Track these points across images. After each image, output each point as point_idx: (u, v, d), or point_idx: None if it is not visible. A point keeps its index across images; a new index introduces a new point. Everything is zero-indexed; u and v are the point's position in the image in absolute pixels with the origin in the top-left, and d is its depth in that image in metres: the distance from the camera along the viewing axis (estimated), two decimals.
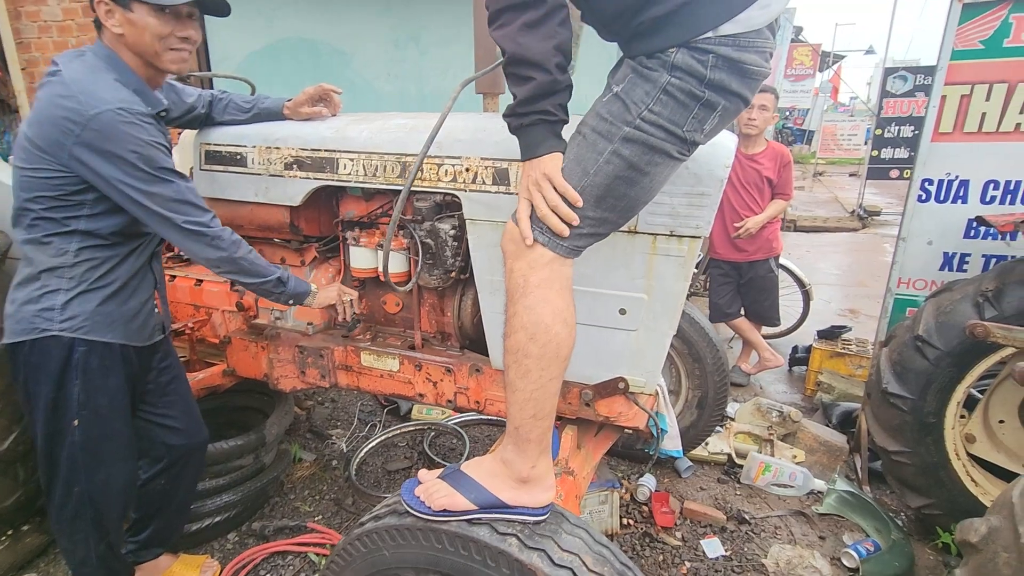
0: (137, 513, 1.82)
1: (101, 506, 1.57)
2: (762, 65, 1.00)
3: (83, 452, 1.51)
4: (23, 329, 1.43)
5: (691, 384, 2.54)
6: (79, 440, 1.50)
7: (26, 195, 1.39)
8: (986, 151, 2.22)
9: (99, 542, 1.61)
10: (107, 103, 1.31)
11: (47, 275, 1.43)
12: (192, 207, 1.43)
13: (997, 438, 2.14)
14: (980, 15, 2.09)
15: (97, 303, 1.46)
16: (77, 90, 1.31)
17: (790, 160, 3.23)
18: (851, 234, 8.31)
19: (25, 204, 1.40)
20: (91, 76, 1.35)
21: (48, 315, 1.42)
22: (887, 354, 2.19)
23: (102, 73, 1.37)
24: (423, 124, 1.64)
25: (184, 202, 1.41)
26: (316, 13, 4.01)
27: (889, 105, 7.63)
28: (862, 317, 4.70)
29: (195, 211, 1.43)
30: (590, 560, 1.06)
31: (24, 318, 1.43)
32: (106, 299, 1.48)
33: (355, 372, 1.88)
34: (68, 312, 1.43)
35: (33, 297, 1.43)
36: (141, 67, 1.43)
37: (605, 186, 1.03)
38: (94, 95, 1.31)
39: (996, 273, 2.00)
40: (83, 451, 1.51)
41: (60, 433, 1.49)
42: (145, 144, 1.34)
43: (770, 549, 2.18)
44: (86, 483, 1.54)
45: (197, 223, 1.43)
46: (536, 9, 0.96)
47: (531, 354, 1.04)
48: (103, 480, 1.56)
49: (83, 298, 1.45)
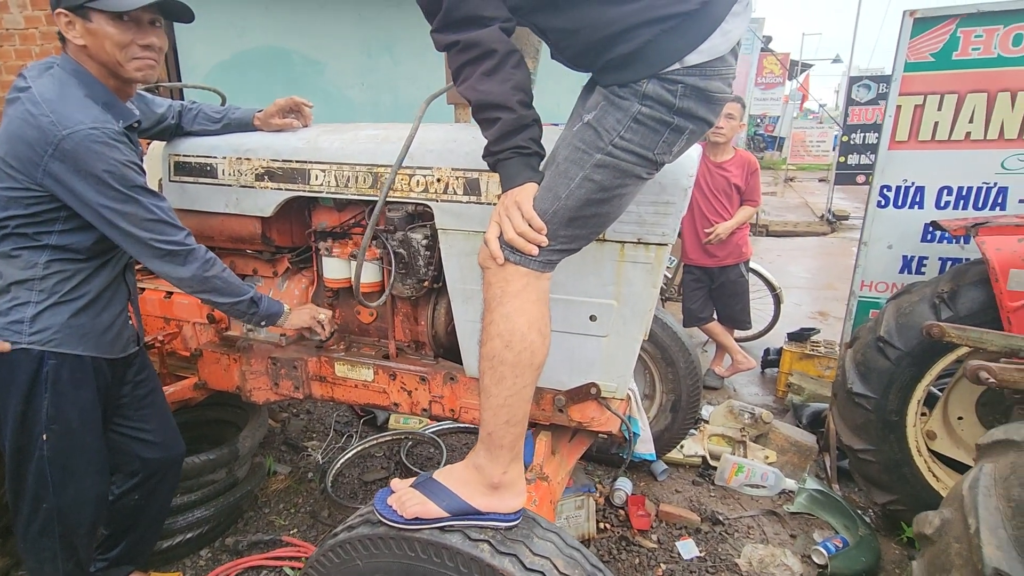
0: (108, 529, 1.78)
1: (70, 522, 1.54)
2: (725, 91, 1.06)
3: (52, 467, 1.48)
4: None
5: (665, 388, 2.59)
6: (48, 454, 1.47)
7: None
8: (939, 158, 2.32)
9: (67, 560, 1.57)
10: (80, 123, 1.30)
11: (16, 287, 1.41)
12: (165, 225, 1.42)
13: (956, 434, 2.22)
14: (930, 29, 2.20)
15: (68, 316, 1.44)
16: (48, 109, 1.30)
17: (757, 167, 3.32)
18: (820, 238, 8.53)
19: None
20: (61, 93, 1.34)
21: (17, 328, 1.40)
22: (852, 355, 2.27)
23: (71, 89, 1.35)
24: (394, 135, 1.65)
25: (157, 221, 1.41)
26: (288, 22, 4.00)
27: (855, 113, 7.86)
28: (831, 319, 4.82)
29: (168, 229, 1.42)
30: (561, 564, 1.08)
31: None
32: (78, 312, 1.46)
33: (329, 383, 1.88)
34: (38, 325, 1.41)
35: (2, 310, 1.41)
36: (108, 78, 1.42)
37: (576, 208, 1.07)
38: (66, 114, 1.30)
39: (951, 275, 2.09)
40: (52, 465, 1.48)
41: (28, 447, 1.47)
42: (118, 164, 1.34)
43: (743, 549, 2.22)
44: (55, 499, 1.51)
45: (169, 242, 1.42)
46: (490, 59, 1.03)
47: (506, 361, 1.07)
48: (72, 495, 1.53)
49: (53, 311, 1.43)
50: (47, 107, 1.30)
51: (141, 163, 1.44)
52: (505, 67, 1.03)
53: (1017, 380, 1.52)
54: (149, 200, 1.40)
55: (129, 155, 1.37)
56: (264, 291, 1.96)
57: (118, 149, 1.34)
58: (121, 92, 1.47)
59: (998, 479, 1.13)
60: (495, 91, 1.03)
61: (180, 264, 1.44)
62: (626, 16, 0.97)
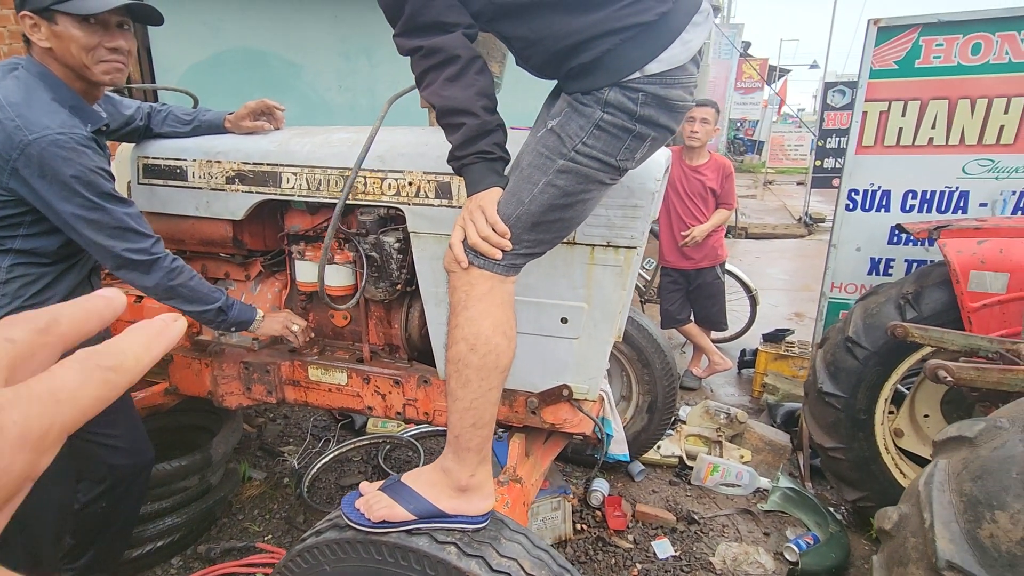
0: (75, 538, 1.74)
1: (33, 531, 1.51)
2: (686, 99, 1.08)
3: None
4: None
5: (641, 389, 2.61)
6: None
7: None
8: (904, 163, 2.38)
9: (30, 570, 1.54)
10: (46, 127, 1.28)
11: None
12: (133, 234, 1.41)
13: (923, 432, 2.28)
14: (893, 37, 2.26)
15: None
16: (14, 113, 1.28)
17: (732, 171, 3.37)
18: (798, 240, 8.66)
19: None
20: (27, 97, 1.31)
21: None
22: (822, 355, 2.31)
23: (38, 92, 1.33)
24: (365, 138, 1.65)
25: (124, 229, 1.39)
26: (263, 23, 3.96)
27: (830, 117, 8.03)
28: (807, 320, 4.90)
29: (135, 238, 1.41)
30: (528, 564, 1.08)
31: None
32: None
33: (303, 387, 1.87)
34: None
35: None
36: (74, 81, 1.40)
37: (539, 213, 1.08)
38: (32, 119, 1.28)
39: (915, 277, 2.15)
40: None
41: None
42: (86, 170, 1.32)
43: (717, 547, 2.25)
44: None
45: (136, 250, 1.41)
46: (453, 64, 1.04)
47: (471, 364, 1.07)
48: (33, 504, 1.48)
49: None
50: (12, 111, 1.28)
51: (109, 168, 1.42)
52: (468, 73, 1.04)
53: (973, 378, 1.57)
54: (116, 207, 1.38)
55: (97, 160, 1.36)
56: (236, 295, 1.94)
57: (86, 155, 1.33)
58: (88, 95, 1.45)
59: (951, 474, 1.16)
60: (459, 96, 1.04)
61: (144, 272, 1.43)
62: (587, 27, 0.99)
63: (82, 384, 0.26)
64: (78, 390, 0.26)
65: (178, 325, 0.31)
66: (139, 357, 0.29)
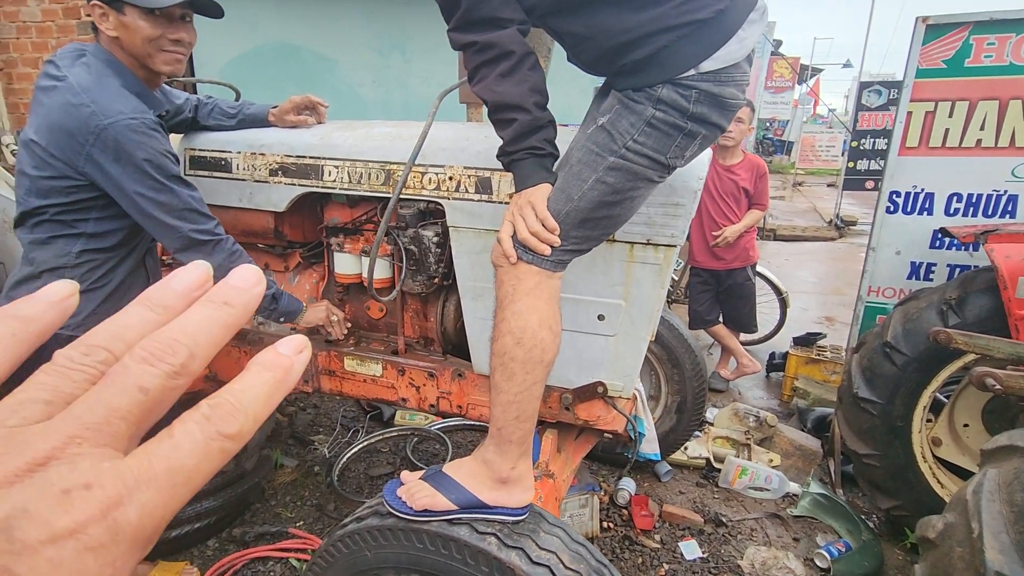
0: None
1: None
2: (739, 97, 1.07)
3: None
4: None
5: (670, 389, 2.60)
6: None
7: (38, 201, 1.41)
8: (949, 165, 2.32)
9: None
10: (120, 112, 1.33)
11: (48, 275, 1.44)
12: (199, 215, 1.46)
13: (962, 441, 2.22)
14: (943, 36, 2.20)
15: (97, 303, 1.48)
16: (88, 99, 1.33)
17: (766, 172, 3.32)
18: (828, 243, 8.50)
19: (35, 208, 1.42)
20: (99, 83, 1.36)
21: None
22: (858, 360, 2.27)
23: (107, 79, 1.38)
24: (407, 132, 1.67)
25: (191, 210, 1.45)
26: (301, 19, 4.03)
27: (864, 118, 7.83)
28: (838, 325, 4.81)
29: (201, 219, 1.47)
30: (567, 558, 1.09)
31: None
32: (105, 299, 1.50)
33: (338, 377, 1.90)
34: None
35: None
36: (138, 69, 1.45)
37: (588, 209, 1.08)
38: (106, 104, 1.33)
39: (959, 282, 2.09)
40: None
41: None
42: (157, 153, 1.37)
43: (746, 551, 2.23)
44: None
45: (201, 231, 1.46)
46: (507, 60, 1.04)
47: (517, 358, 1.08)
48: None
49: (84, 298, 1.45)
50: (87, 96, 1.33)
51: (174, 152, 1.48)
52: (522, 69, 1.05)
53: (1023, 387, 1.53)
54: (183, 189, 1.43)
55: (165, 144, 1.42)
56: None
57: (156, 138, 1.38)
58: (150, 83, 1.50)
59: (1002, 484, 1.13)
60: (512, 92, 1.05)
61: (208, 254, 1.47)
62: (642, 23, 0.98)
63: (201, 460, 0.22)
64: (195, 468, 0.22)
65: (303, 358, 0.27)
66: (258, 417, 0.24)
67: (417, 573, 1.14)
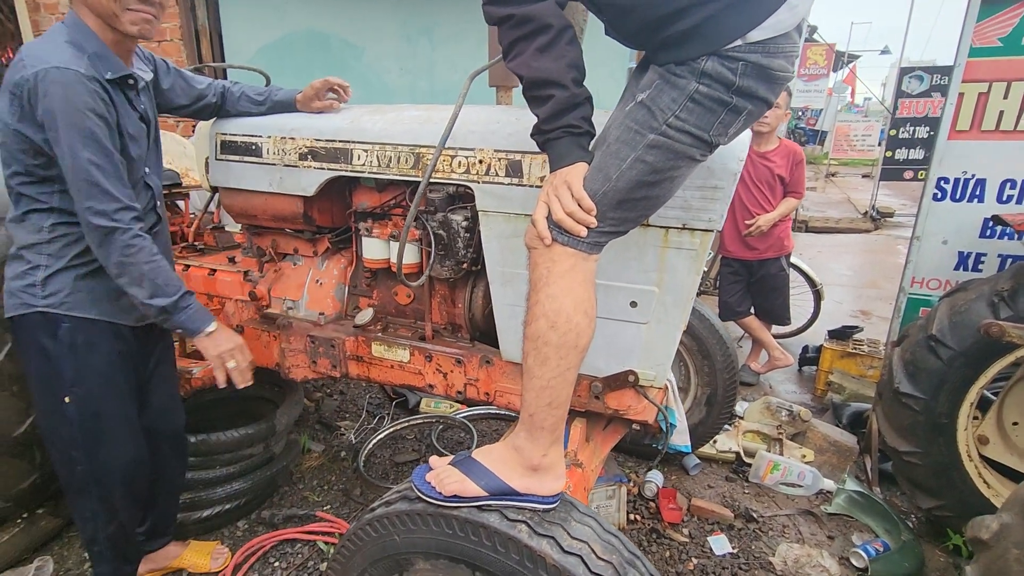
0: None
1: (106, 486, 1.58)
2: (788, 69, 1.01)
3: (80, 431, 1.51)
4: (13, 304, 1.45)
5: (700, 381, 2.54)
6: (74, 418, 1.49)
7: (5, 171, 1.41)
8: (1004, 150, 2.19)
9: (107, 523, 1.61)
10: (45, 62, 1.28)
11: (27, 251, 1.44)
12: (98, 190, 1.31)
13: (1011, 440, 2.12)
14: (998, 12, 2.07)
15: (74, 279, 1.45)
16: (25, 54, 1.33)
17: (803, 158, 3.21)
18: (863, 235, 8.24)
19: (7, 181, 1.42)
20: (42, 42, 1.36)
21: (32, 291, 1.44)
22: (899, 354, 2.18)
23: (56, 37, 1.36)
24: (437, 116, 1.64)
25: (89, 182, 1.30)
26: (328, 6, 4.03)
27: (904, 105, 7.54)
28: (874, 319, 4.66)
29: (99, 196, 1.31)
30: (599, 548, 1.06)
31: (14, 294, 1.45)
32: (85, 276, 1.46)
33: (366, 362, 1.90)
34: (49, 288, 1.43)
35: (18, 273, 1.45)
36: (105, 31, 1.39)
37: (627, 190, 1.04)
38: (37, 57, 1.30)
39: (1012, 273, 1.98)
40: (80, 430, 1.51)
41: (56, 410, 1.50)
42: (72, 108, 1.28)
43: (778, 547, 2.17)
44: (87, 463, 1.54)
45: (97, 212, 1.32)
46: (545, 34, 1.00)
47: (551, 342, 1.05)
48: (104, 459, 1.55)
49: (62, 275, 1.45)
50: (24, 52, 1.33)
51: (106, 115, 1.35)
52: (560, 43, 1.01)
53: None
54: (84, 152, 1.28)
55: (90, 100, 1.31)
56: (304, 270, 1.99)
57: (76, 90, 1.29)
58: (119, 46, 1.43)
59: None
60: (549, 68, 1.01)
61: (98, 244, 1.35)
62: None
63: None
64: None
65: None
66: None
67: (446, 558, 1.12)
